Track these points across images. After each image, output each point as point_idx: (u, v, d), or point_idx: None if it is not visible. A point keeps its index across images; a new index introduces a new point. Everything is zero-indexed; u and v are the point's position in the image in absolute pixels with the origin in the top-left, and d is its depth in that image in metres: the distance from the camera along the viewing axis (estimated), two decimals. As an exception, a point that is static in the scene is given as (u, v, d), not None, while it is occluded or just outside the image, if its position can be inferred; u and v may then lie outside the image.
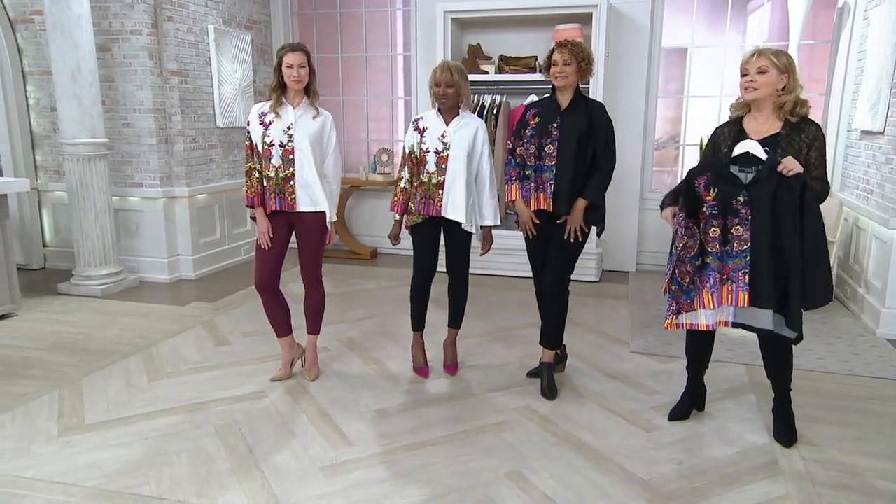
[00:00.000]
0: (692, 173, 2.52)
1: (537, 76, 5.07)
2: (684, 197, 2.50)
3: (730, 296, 2.43)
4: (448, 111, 3.07)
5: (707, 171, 2.48)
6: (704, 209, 2.45)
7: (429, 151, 3.07)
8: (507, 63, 5.22)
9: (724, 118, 5.53)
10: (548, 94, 3.10)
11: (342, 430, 2.73)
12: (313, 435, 2.68)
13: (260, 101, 3.06)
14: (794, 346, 2.54)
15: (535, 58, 5.17)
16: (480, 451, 2.56)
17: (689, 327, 2.54)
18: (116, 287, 4.72)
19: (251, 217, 3.07)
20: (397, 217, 3.20)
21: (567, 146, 2.89)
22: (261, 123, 2.93)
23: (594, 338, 3.86)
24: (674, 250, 2.51)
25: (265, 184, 2.96)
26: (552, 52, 2.92)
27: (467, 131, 3.06)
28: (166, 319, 4.14)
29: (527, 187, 3.00)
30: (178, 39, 4.88)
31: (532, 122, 2.99)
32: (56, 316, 4.17)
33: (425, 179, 3.08)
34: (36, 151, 5.22)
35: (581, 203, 2.91)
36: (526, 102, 5.17)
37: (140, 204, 5.01)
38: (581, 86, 3.04)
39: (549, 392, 3.04)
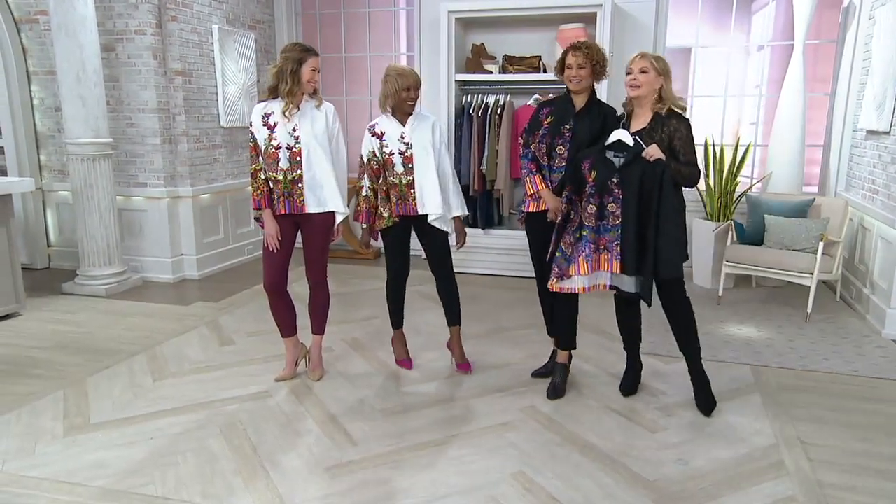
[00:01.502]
0: (578, 158, 2.84)
1: (541, 76, 5.07)
2: (571, 177, 2.83)
3: (606, 263, 2.81)
4: (407, 113, 3.07)
5: (590, 156, 2.81)
6: (587, 189, 2.79)
7: (393, 154, 3.07)
8: (510, 63, 5.21)
9: (728, 118, 5.53)
10: (560, 94, 3.08)
11: (347, 430, 2.72)
12: (318, 435, 2.68)
13: (263, 100, 3.03)
14: (690, 324, 2.86)
15: (539, 57, 5.16)
16: (485, 452, 2.55)
17: (567, 290, 2.88)
18: (120, 287, 4.72)
19: (256, 219, 3.06)
20: (364, 226, 3.20)
21: (578, 148, 2.89)
22: (265, 125, 2.92)
23: (598, 338, 3.85)
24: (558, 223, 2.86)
25: (273, 187, 2.94)
26: (565, 53, 2.91)
27: (425, 129, 3.08)
28: (170, 319, 4.14)
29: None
30: (182, 39, 4.89)
31: (545, 122, 2.98)
32: (60, 315, 4.18)
33: (396, 181, 3.08)
34: (40, 151, 5.23)
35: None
36: (530, 102, 5.18)
37: (144, 204, 5.02)
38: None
39: (554, 393, 3.03)
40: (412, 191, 3.06)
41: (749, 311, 4.35)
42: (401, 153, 3.06)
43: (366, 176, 3.14)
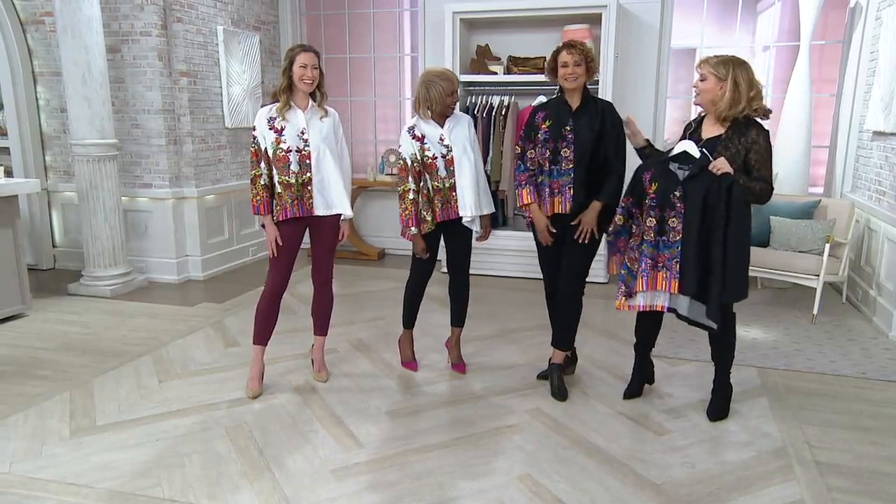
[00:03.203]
0: (641, 168, 2.74)
1: (546, 77, 5.05)
2: (631, 189, 2.74)
3: (664, 282, 2.67)
4: (444, 115, 3.06)
5: (651, 167, 2.71)
6: (647, 201, 2.68)
7: (436, 158, 3.05)
8: (515, 64, 5.21)
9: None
10: (555, 96, 3.08)
11: (353, 432, 2.72)
12: (324, 437, 2.68)
13: (267, 103, 3.01)
14: (730, 333, 2.78)
15: (544, 58, 5.14)
16: (492, 454, 2.55)
17: (635, 308, 2.80)
18: (125, 288, 4.73)
19: (262, 226, 3.02)
20: (414, 230, 3.03)
21: (583, 148, 2.87)
22: (271, 129, 2.89)
23: (604, 340, 3.84)
24: (633, 241, 2.74)
25: (283, 191, 2.90)
26: (557, 53, 2.89)
27: (461, 129, 3.08)
28: (175, 320, 4.15)
29: (541, 193, 2.98)
30: (187, 40, 4.89)
31: (543, 125, 2.96)
32: (66, 316, 4.19)
33: (440, 185, 3.06)
34: (46, 152, 5.24)
35: (597, 205, 2.91)
36: (534, 103, 5.17)
37: (149, 205, 5.03)
38: (589, 86, 3.02)
39: (560, 394, 3.03)
40: (453, 194, 3.05)
41: (754, 313, 4.34)
42: (443, 157, 3.04)
43: (410, 178, 3.04)
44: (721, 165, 2.53)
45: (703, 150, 2.59)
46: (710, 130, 2.69)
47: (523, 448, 2.59)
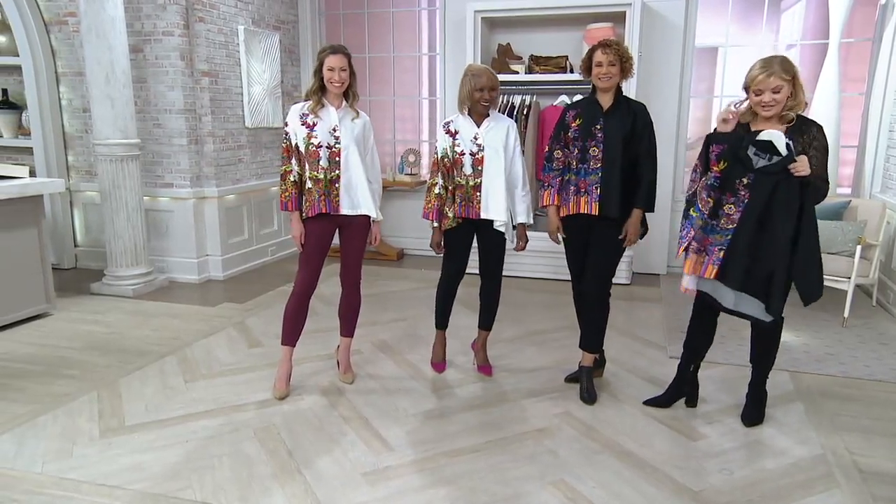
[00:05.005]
0: (711, 137, 2.54)
1: (568, 76, 5.01)
2: (702, 156, 2.56)
3: (699, 266, 2.54)
4: (482, 114, 3.04)
5: (726, 140, 2.49)
6: (710, 178, 2.51)
7: (464, 154, 3.03)
8: (537, 63, 5.16)
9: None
10: (585, 96, 3.05)
11: (381, 434, 2.69)
12: (353, 439, 2.65)
13: (294, 102, 3.00)
14: (776, 344, 2.77)
15: (566, 57, 5.11)
16: (523, 459, 2.51)
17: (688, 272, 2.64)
18: (147, 287, 4.74)
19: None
20: (435, 224, 3.11)
21: (612, 148, 2.83)
22: (303, 125, 2.88)
23: (629, 342, 3.79)
24: (693, 213, 2.60)
25: (313, 186, 2.89)
26: (593, 52, 2.85)
27: (499, 131, 3.05)
28: (197, 320, 4.14)
29: (567, 191, 2.95)
30: (208, 40, 4.89)
31: (573, 124, 2.93)
32: (89, 316, 4.20)
33: (462, 182, 3.04)
34: (68, 152, 5.26)
35: (638, 212, 2.88)
36: (556, 102, 5.13)
37: (170, 204, 5.03)
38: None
39: (589, 397, 2.99)
40: (478, 194, 3.03)
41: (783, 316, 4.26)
42: (472, 154, 3.03)
43: (439, 174, 3.08)
44: (802, 167, 2.38)
45: (790, 146, 2.40)
46: (770, 129, 2.51)
47: (555, 452, 2.55)
